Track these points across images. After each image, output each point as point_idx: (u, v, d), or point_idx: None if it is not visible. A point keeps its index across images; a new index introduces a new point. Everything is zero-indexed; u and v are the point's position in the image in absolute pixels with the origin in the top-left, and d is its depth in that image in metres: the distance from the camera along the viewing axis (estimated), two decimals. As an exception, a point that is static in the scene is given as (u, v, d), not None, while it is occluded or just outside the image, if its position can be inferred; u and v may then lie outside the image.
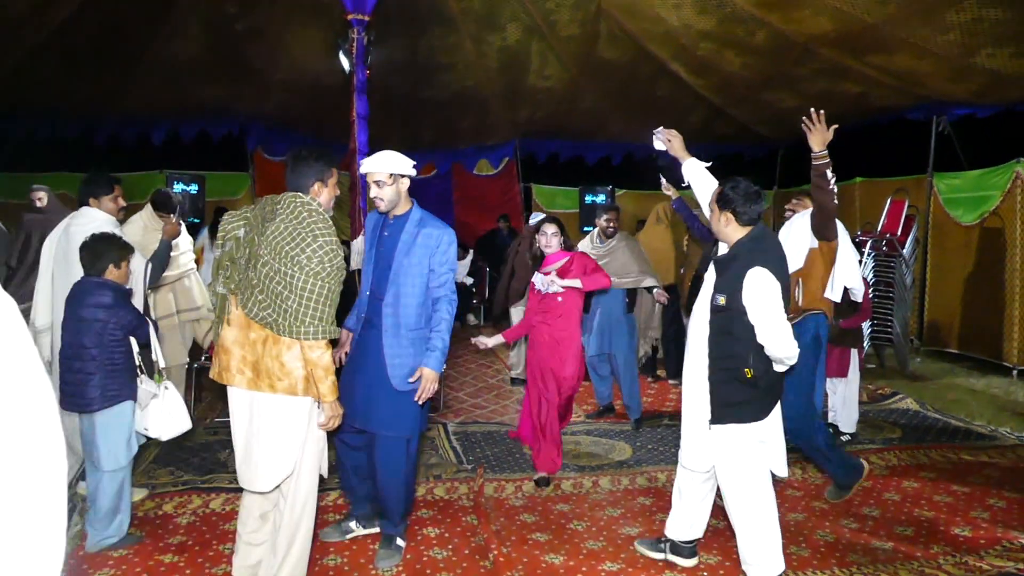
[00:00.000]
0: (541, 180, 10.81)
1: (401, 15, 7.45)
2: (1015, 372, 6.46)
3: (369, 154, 6.04)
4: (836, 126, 3.20)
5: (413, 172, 2.92)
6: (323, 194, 2.58)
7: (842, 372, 4.61)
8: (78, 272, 3.16)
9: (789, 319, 3.43)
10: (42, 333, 3.52)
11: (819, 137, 3.24)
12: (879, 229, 7.30)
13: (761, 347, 2.60)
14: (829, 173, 3.32)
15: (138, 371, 3.04)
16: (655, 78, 8.31)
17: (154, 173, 10.02)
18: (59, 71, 7.89)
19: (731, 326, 2.61)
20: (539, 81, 8.77)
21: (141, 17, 7.30)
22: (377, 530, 3.22)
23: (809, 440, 3.62)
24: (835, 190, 3.42)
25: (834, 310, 4.29)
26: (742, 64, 7.41)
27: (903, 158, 8.10)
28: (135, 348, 3.03)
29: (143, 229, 4.11)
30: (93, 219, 3.52)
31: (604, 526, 3.41)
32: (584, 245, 5.14)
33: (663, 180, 4.72)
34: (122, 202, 3.74)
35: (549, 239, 3.95)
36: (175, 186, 9.89)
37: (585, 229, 9.06)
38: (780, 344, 2.56)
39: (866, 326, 6.33)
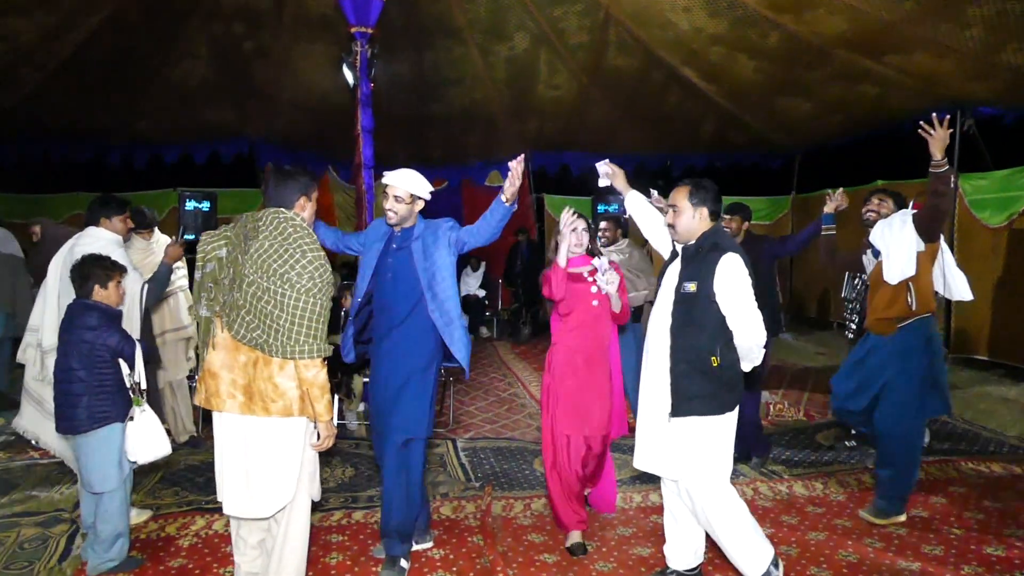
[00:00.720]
0: (553, 192, 10.74)
1: (407, 28, 7.44)
2: (1049, 380, 6.21)
3: (376, 168, 6.07)
4: (951, 130, 3.21)
5: (428, 197, 3.04)
6: (307, 209, 2.56)
7: None
8: None
9: (901, 323, 3.46)
10: (48, 354, 3.49)
11: (940, 144, 3.23)
12: (901, 233, 7.07)
13: (728, 337, 2.61)
14: (952, 178, 3.31)
15: (130, 393, 2.97)
16: (667, 86, 8.20)
17: (167, 191, 10.13)
18: (72, 96, 8.02)
19: (697, 314, 2.60)
20: (548, 91, 8.70)
21: (151, 41, 7.38)
22: (428, 545, 3.26)
23: (905, 439, 3.46)
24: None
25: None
26: (755, 68, 7.27)
27: (926, 159, 7.85)
28: (126, 370, 2.97)
29: (141, 252, 4.13)
30: (99, 238, 3.55)
31: (615, 547, 3.27)
32: None
33: (653, 193, 4.65)
34: (131, 223, 3.80)
35: (580, 236, 3.33)
36: (187, 203, 9.96)
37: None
38: (753, 330, 2.58)
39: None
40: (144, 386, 2.97)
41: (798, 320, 10.09)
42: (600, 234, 4.87)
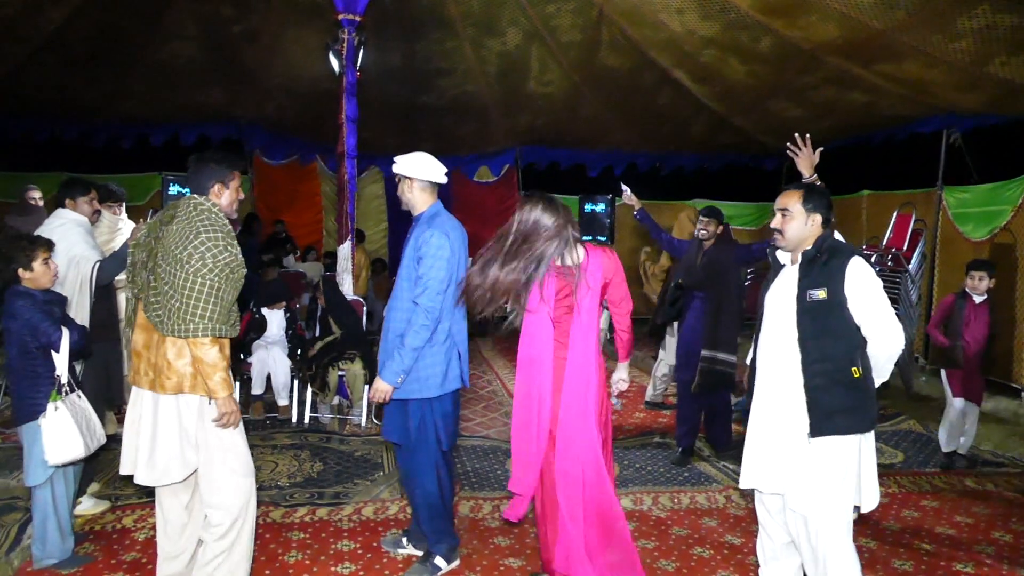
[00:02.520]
0: (541, 188, 10.66)
1: (398, 19, 7.34)
2: (1025, 394, 6.22)
3: (360, 158, 5.99)
4: (821, 148, 3.09)
5: (424, 177, 2.88)
6: (224, 195, 2.57)
7: (980, 398, 4.48)
8: None
9: None
10: None
11: (807, 161, 3.12)
12: (884, 243, 7.08)
13: (864, 345, 2.41)
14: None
15: (68, 385, 2.84)
16: (658, 86, 8.15)
17: (152, 175, 9.98)
18: (56, 73, 7.86)
19: (831, 322, 2.39)
20: (539, 87, 8.62)
21: (137, 19, 7.24)
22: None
23: None
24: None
25: (984, 340, 4.31)
26: (747, 72, 7.23)
27: (911, 170, 7.88)
28: (64, 358, 2.84)
29: (108, 229, 4.06)
30: (65, 220, 3.56)
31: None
32: None
33: (626, 190, 4.67)
34: (96, 205, 3.81)
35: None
36: (171, 188, 9.83)
37: (585, 238, 8.89)
38: (891, 338, 2.39)
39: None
40: (64, 380, 2.82)
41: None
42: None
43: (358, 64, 5.58)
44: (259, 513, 3.42)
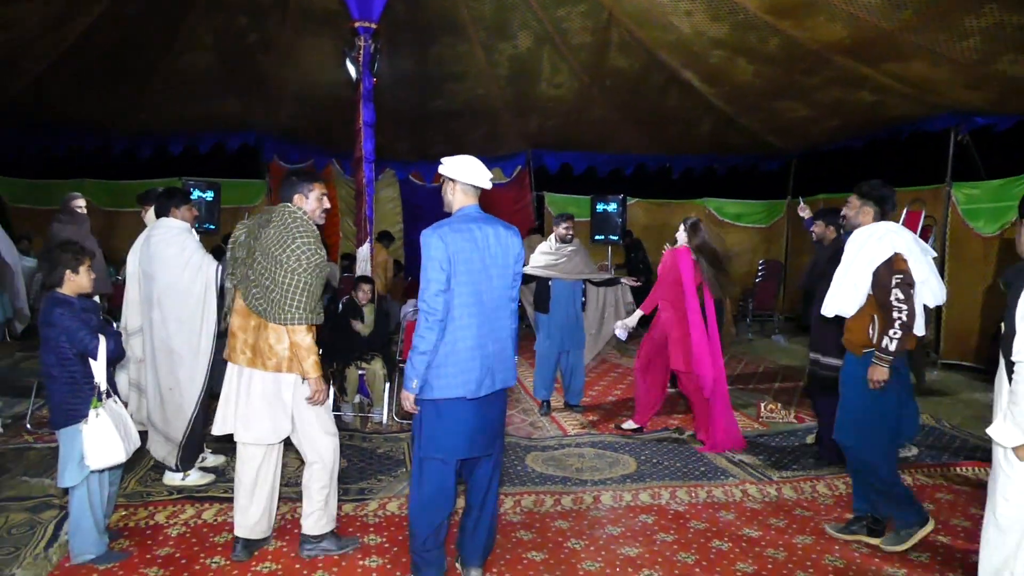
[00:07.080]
0: (553, 190, 10.75)
1: (410, 23, 7.45)
2: (1037, 388, 6.24)
3: (377, 162, 6.09)
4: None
5: (466, 180, 2.82)
6: (305, 204, 3.01)
7: None
8: (161, 278, 3.64)
9: (866, 349, 3.09)
10: (133, 335, 3.94)
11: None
12: (896, 240, 7.12)
13: None
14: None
15: (106, 391, 2.93)
16: (666, 87, 8.23)
17: (171, 180, 10.12)
18: (75, 86, 8.03)
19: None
20: (550, 90, 8.73)
21: (154, 31, 7.38)
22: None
23: (872, 470, 3.22)
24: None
25: None
26: (754, 72, 7.31)
27: (920, 168, 7.93)
28: (101, 365, 2.93)
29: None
30: (170, 227, 3.80)
31: (603, 546, 3.30)
32: (542, 247, 5.53)
33: (802, 204, 4.91)
34: (195, 211, 4.13)
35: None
36: (193, 193, 9.99)
37: (596, 238, 8.98)
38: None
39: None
40: (103, 387, 2.91)
41: (790, 322, 10.14)
42: (566, 232, 5.45)
43: (375, 70, 5.69)
44: (287, 510, 3.54)
